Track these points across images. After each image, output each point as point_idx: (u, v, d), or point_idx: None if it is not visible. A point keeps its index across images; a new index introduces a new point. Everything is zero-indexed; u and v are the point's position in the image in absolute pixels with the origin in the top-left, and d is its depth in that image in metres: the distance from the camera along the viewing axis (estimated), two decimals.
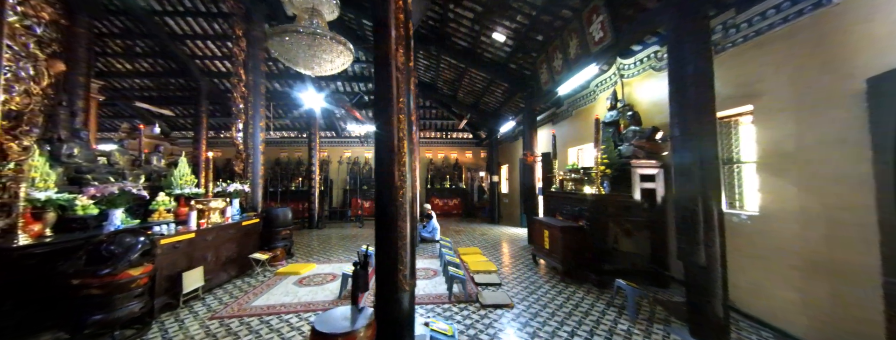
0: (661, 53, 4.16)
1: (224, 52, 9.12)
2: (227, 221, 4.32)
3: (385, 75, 2.28)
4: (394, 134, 2.22)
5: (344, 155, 12.36)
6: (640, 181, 3.94)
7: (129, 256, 2.57)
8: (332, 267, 4.86)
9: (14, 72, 2.62)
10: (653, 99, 4.33)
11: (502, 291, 3.66)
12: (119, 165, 4.24)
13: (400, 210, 2.27)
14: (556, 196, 4.97)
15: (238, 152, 5.82)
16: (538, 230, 4.65)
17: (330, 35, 4.21)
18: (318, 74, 4.72)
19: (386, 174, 2.28)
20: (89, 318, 2.44)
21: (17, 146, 2.57)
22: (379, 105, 2.30)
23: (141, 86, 10.10)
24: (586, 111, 5.96)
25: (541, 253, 4.57)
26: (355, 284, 2.47)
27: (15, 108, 2.61)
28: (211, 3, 7.71)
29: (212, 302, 3.48)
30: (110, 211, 3.11)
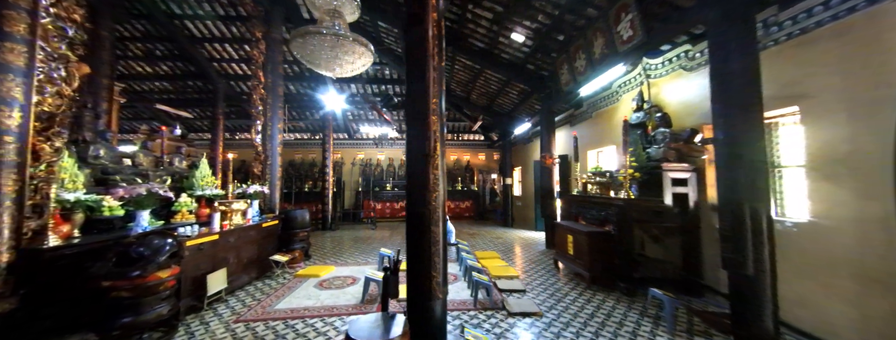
0: (693, 52, 4.02)
1: (241, 55, 9.23)
2: (248, 223, 4.31)
3: (420, 75, 2.21)
4: (430, 135, 2.15)
5: (357, 156, 12.39)
6: (672, 185, 3.79)
7: (157, 258, 2.55)
8: (351, 270, 4.81)
9: (46, 74, 2.64)
10: (683, 100, 4.18)
11: (528, 298, 3.55)
12: (143, 166, 4.27)
13: (433, 214, 2.20)
14: (579, 200, 4.84)
15: (257, 154, 5.84)
16: (561, 235, 4.52)
17: (352, 36, 4.20)
18: (338, 76, 4.71)
19: (419, 176, 2.21)
20: (118, 320, 2.42)
21: (48, 147, 2.58)
22: (413, 106, 2.24)
23: (160, 88, 10.29)
24: (607, 113, 5.82)
25: (564, 258, 4.44)
26: (385, 290, 2.40)
27: (47, 110, 2.62)
28: (229, 7, 7.81)
29: (235, 305, 3.45)
30: (137, 213, 3.11)
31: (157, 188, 3.13)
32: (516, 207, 10.30)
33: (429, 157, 2.12)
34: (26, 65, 2.34)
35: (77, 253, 2.81)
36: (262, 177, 5.79)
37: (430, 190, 2.17)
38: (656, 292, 3.06)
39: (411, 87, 2.30)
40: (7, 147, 2.18)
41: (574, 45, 5.00)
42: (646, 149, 4.21)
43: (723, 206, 2.65)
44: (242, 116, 11.58)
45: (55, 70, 2.70)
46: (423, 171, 2.17)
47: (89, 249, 2.90)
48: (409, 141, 2.31)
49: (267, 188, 5.46)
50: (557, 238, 4.72)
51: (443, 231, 2.26)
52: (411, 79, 2.29)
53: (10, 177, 2.17)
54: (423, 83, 2.19)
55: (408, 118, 2.32)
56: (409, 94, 2.33)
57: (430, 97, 2.16)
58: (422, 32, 2.22)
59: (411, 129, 2.27)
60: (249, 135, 12.67)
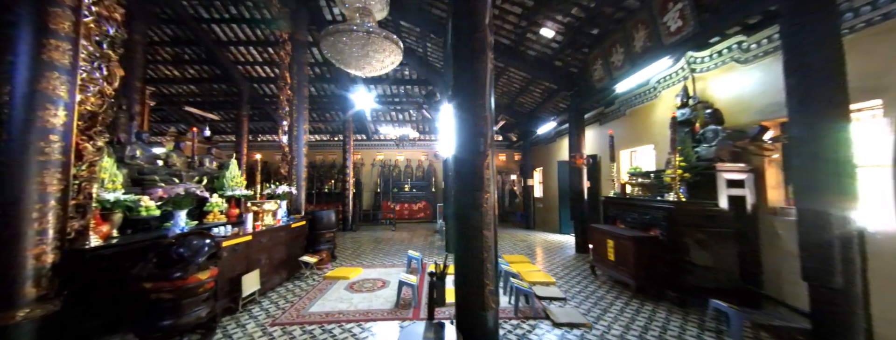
0: (748, 44, 3.72)
1: (264, 58, 9.36)
2: (278, 223, 4.27)
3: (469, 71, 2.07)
4: (484, 132, 1.99)
5: (377, 157, 12.38)
6: (727, 187, 3.51)
7: (197, 259, 2.50)
8: (379, 273, 4.70)
9: (89, 73, 2.63)
10: (736, 95, 3.88)
11: (571, 307, 3.34)
12: (176, 167, 4.29)
13: (485, 216, 2.04)
14: (618, 202, 4.58)
15: (283, 154, 5.84)
16: (598, 239, 4.28)
17: (384, 33, 4.11)
18: (368, 75, 4.63)
19: (469, 176, 2.06)
20: (159, 323, 2.37)
21: (91, 147, 2.56)
22: (462, 103, 2.09)
23: (187, 91, 10.55)
24: (644, 110, 5.53)
25: (603, 265, 4.19)
26: (431, 297, 2.26)
27: (89, 109, 2.61)
28: (254, 10, 7.91)
29: (269, 307, 3.39)
30: (175, 213, 3.08)
31: (194, 188, 3.09)
32: (538, 209, 10.02)
33: (482, 156, 1.96)
34: (71, 63, 2.32)
35: (116, 253, 2.80)
36: (288, 178, 5.78)
37: (483, 192, 2.01)
38: (719, 304, 2.80)
39: (459, 84, 2.15)
40: (52, 146, 2.15)
41: (610, 39, 4.76)
42: (694, 148, 3.93)
43: (802, 211, 2.38)
44: (264, 118, 11.76)
45: (97, 69, 2.69)
46: (474, 171, 2.02)
47: (128, 249, 2.88)
48: (458, 139, 2.16)
49: (294, 188, 5.44)
50: (594, 242, 4.48)
51: (493, 235, 2.10)
52: (460, 76, 2.15)
53: (55, 177, 2.14)
54: (475, 79, 2.04)
55: (457, 115, 2.17)
56: (457, 91, 2.18)
57: (485, 93, 2.01)
58: (472, 25, 2.07)
59: (460, 127, 2.12)
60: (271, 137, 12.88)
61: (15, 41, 2.12)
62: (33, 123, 2.09)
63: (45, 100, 2.15)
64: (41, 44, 2.17)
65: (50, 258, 2.09)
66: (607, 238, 4.06)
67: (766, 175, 3.52)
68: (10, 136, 2.03)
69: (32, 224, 2.03)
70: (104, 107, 2.65)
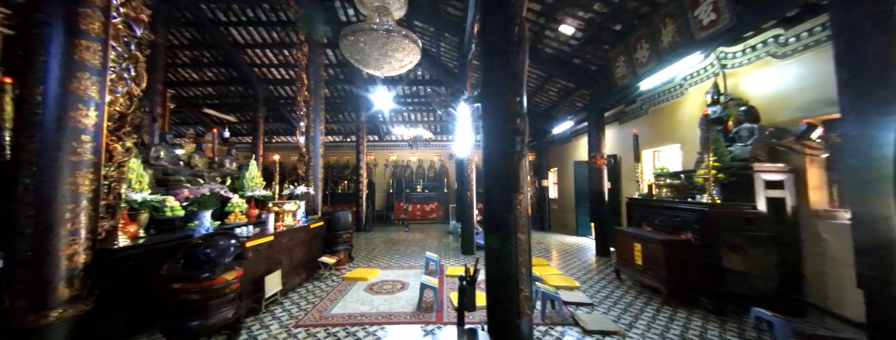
0: (786, 38, 3.54)
1: (280, 60, 9.46)
2: (298, 224, 4.26)
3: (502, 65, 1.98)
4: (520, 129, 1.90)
5: (389, 158, 12.40)
6: (765, 188, 3.33)
7: (223, 260, 2.48)
8: (397, 274, 4.65)
9: (118, 74, 2.65)
10: (773, 91, 3.69)
11: (600, 313, 3.21)
12: (198, 168, 4.34)
13: (519, 219, 1.95)
14: (644, 204, 4.41)
15: (301, 155, 5.86)
16: (624, 242, 4.12)
17: (403, 32, 4.06)
18: (386, 74, 4.59)
19: (503, 178, 1.97)
20: (187, 323, 2.35)
21: (120, 147, 2.58)
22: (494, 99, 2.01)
23: (205, 94, 10.75)
24: (668, 108, 5.34)
25: (629, 269, 4.04)
26: (461, 302, 2.18)
27: (118, 110, 2.64)
28: (271, 13, 7.99)
29: (291, 307, 3.37)
30: (201, 213, 3.09)
31: (219, 188, 3.10)
32: (552, 210, 9.84)
33: (518, 156, 1.87)
34: (101, 63, 2.33)
35: (143, 252, 2.81)
36: (305, 179, 5.80)
37: (518, 193, 1.92)
38: (762, 312, 2.64)
39: (491, 80, 2.07)
40: (84, 146, 2.16)
41: (635, 35, 4.61)
42: (727, 147, 3.75)
43: (858, 215, 2.22)
44: (279, 120, 11.90)
45: (125, 70, 2.71)
46: (508, 172, 1.93)
47: (154, 249, 2.90)
48: (487, 138, 2.08)
49: (312, 189, 5.44)
50: (618, 245, 4.32)
51: (528, 239, 2.01)
52: (491, 71, 2.07)
53: (86, 177, 2.15)
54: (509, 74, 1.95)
55: (488, 114, 2.09)
56: (488, 88, 2.10)
57: (520, 89, 1.93)
58: (506, 16, 1.98)
59: (493, 126, 2.04)
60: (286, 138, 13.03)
61: (47, 41, 2.13)
62: (65, 123, 2.11)
63: (77, 101, 2.16)
64: (72, 44, 2.19)
65: (82, 258, 2.10)
66: (634, 241, 3.91)
67: (808, 175, 3.32)
68: (44, 137, 2.04)
69: (65, 224, 2.03)
70: (132, 107, 2.67)
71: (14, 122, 2.09)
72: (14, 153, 2.02)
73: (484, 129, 2.11)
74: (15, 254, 1.93)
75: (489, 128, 2.05)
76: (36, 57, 2.11)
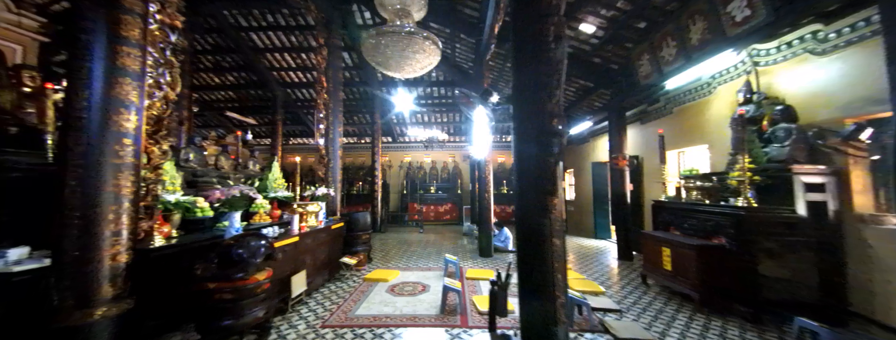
0: (826, 33, 3.37)
1: (298, 63, 9.64)
2: (320, 225, 4.30)
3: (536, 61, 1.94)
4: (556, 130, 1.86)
5: (404, 159, 12.46)
6: (805, 191, 3.17)
7: (255, 260, 2.52)
8: (417, 276, 4.64)
9: (155, 79, 2.73)
10: (810, 90, 3.53)
11: (630, 321, 3.11)
12: (224, 169, 4.44)
13: (555, 224, 1.90)
14: (671, 207, 4.27)
15: (321, 157, 5.94)
16: (652, 247, 3.99)
17: (424, 34, 4.06)
18: (406, 76, 4.60)
19: (538, 181, 1.92)
20: (221, 322, 2.40)
21: (157, 150, 2.66)
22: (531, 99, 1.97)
23: (226, 97, 11.05)
24: (695, 108, 5.17)
25: (656, 274, 3.91)
26: (493, 307, 2.15)
27: (155, 113, 2.72)
28: (290, 17, 8.16)
29: (316, 308, 3.40)
30: (231, 214, 3.15)
31: (248, 190, 3.16)
32: (569, 213, 9.67)
33: (555, 159, 1.83)
34: (140, 69, 2.40)
35: (176, 252, 2.89)
36: (324, 180, 5.87)
37: (554, 196, 1.87)
38: (807, 322, 2.50)
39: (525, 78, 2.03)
40: (126, 149, 2.23)
41: (660, 33, 4.48)
42: (762, 148, 3.60)
43: None
44: (296, 122, 12.13)
45: (161, 75, 2.80)
46: (544, 175, 1.89)
47: (186, 249, 2.98)
48: (520, 140, 2.04)
49: (332, 190, 5.50)
50: (645, 250, 4.19)
51: (563, 244, 1.96)
52: (524, 68, 2.03)
53: (128, 179, 2.22)
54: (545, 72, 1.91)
55: (519, 115, 2.06)
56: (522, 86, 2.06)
57: (559, 88, 1.89)
58: (542, 10, 1.94)
59: (527, 127, 2.00)
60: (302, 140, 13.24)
61: (91, 47, 2.21)
62: (109, 127, 2.17)
63: (119, 105, 2.23)
64: (114, 50, 2.26)
65: (124, 258, 2.16)
66: (662, 245, 3.78)
67: (852, 178, 3.15)
68: (89, 140, 2.11)
69: (109, 225, 2.10)
70: (168, 111, 2.75)
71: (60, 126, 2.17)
72: (60, 155, 2.10)
73: (516, 131, 2.07)
74: (62, 254, 2.00)
75: (523, 130, 2.01)
76: (81, 62, 2.19)
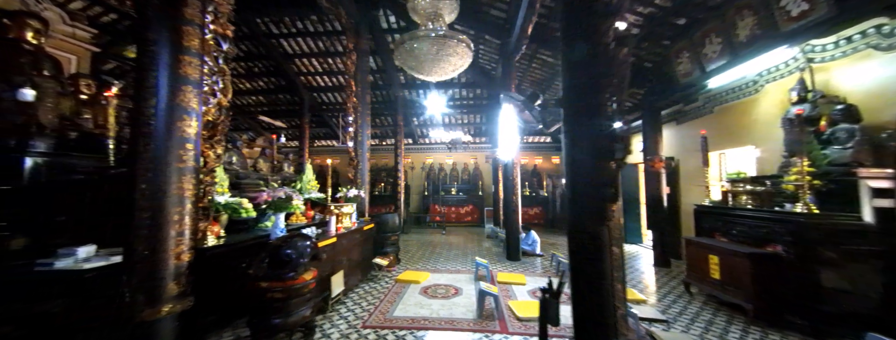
0: (892, 28, 3.13)
1: (324, 68, 9.91)
2: (354, 226, 4.39)
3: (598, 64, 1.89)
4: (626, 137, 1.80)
5: (426, 161, 12.53)
6: (872, 196, 2.94)
7: (302, 260, 2.59)
8: (447, 279, 4.64)
9: (210, 86, 2.87)
10: (875, 88, 3.28)
11: (679, 332, 2.98)
12: (263, 172, 4.61)
13: (613, 232, 1.84)
14: (716, 212, 4.06)
15: (351, 159, 6.06)
16: (697, 254, 3.80)
17: (459, 36, 4.08)
18: (437, 79, 4.63)
19: (594, 185, 1.87)
20: (271, 321, 2.48)
21: (212, 154, 2.79)
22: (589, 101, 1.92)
23: (256, 101, 11.50)
24: (739, 107, 4.91)
25: (702, 283, 3.71)
26: (544, 316, 2.10)
27: (210, 119, 2.85)
28: (318, 23, 8.40)
29: (354, 308, 3.46)
30: (276, 215, 3.26)
31: (291, 191, 3.26)
32: None
33: (618, 163, 1.77)
34: (199, 77, 2.53)
35: (226, 252, 3.02)
36: (354, 182, 5.98)
37: (614, 202, 1.81)
38: (881, 338, 2.30)
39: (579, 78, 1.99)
40: (188, 153, 2.35)
41: (703, 29, 4.29)
42: (821, 150, 3.37)
43: None
44: (321, 125, 12.46)
45: (215, 83, 2.93)
46: (603, 180, 1.83)
47: (235, 248, 3.11)
48: (573, 144, 2.00)
49: (362, 192, 5.60)
50: (689, 257, 4.00)
51: (622, 252, 1.89)
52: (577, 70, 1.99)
53: (190, 182, 2.34)
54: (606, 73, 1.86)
55: (572, 116, 2.01)
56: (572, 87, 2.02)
57: (622, 88, 1.83)
58: (596, 9, 1.89)
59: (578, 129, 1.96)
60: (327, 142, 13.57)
61: (157, 58, 2.35)
62: (173, 133, 2.30)
63: (182, 112, 2.35)
64: (177, 60, 2.39)
65: (186, 257, 2.27)
66: (709, 253, 3.60)
67: None
68: (156, 145, 2.24)
69: (174, 225, 2.21)
70: (222, 117, 2.88)
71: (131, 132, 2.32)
72: (131, 160, 2.24)
73: (568, 134, 2.03)
74: (133, 253, 2.13)
75: (576, 134, 1.96)
76: (148, 72, 2.33)
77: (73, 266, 2.45)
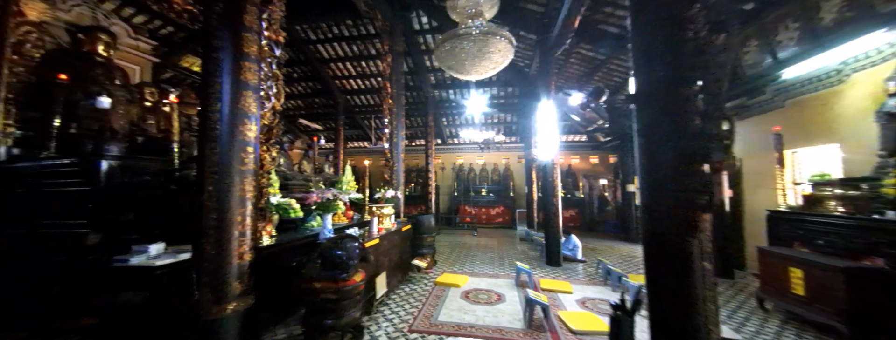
0: None
1: (358, 71, 10.14)
2: (394, 227, 4.39)
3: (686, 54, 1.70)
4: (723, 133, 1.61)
5: (457, 161, 12.48)
6: None
7: (353, 261, 2.59)
8: (487, 283, 4.51)
9: (265, 91, 2.96)
10: None
11: None
12: (307, 173, 4.74)
13: (704, 244, 1.64)
14: (798, 218, 3.61)
15: (386, 159, 6.11)
16: (775, 266, 3.39)
17: (501, 32, 3.95)
18: (478, 78, 4.52)
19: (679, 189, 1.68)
20: (324, 321, 2.49)
21: (268, 156, 2.88)
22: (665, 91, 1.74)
23: (294, 105, 12.02)
24: (818, 100, 4.36)
25: (782, 299, 3.30)
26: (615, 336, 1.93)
27: (265, 123, 2.93)
28: (353, 28, 8.59)
29: (397, 310, 3.45)
30: (324, 216, 3.32)
31: (337, 192, 3.31)
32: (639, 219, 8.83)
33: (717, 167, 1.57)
34: (257, 82, 2.60)
35: (279, 251, 3.10)
36: (390, 183, 6.03)
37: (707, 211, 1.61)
38: None
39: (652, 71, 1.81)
40: (249, 156, 2.42)
41: (775, 13, 3.85)
42: None
43: None
44: (353, 127, 12.79)
45: (269, 88, 3.02)
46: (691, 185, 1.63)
47: (286, 248, 3.19)
48: (650, 141, 1.81)
49: (399, 192, 5.62)
50: (763, 269, 3.59)
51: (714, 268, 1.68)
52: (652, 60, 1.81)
53: (251, 184, 2.41)
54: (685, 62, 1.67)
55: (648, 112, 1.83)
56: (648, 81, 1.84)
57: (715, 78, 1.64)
58: None
59: (656, 127, 1.77)
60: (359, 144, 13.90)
61: (221, 64, 2.44)
62: (235, 137, 2.38)
63: (243, 116, 2.43)
64: (239, 66, 2.47)
65: (248, 257, 2.34)
66: (791, 265, 3.19)
67: None
68: (222, 148, 2.32)
69: (237, 226, 2.29)
70: (276, 120, 2.96)
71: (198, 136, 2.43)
72: (199, 163, 2.34)
73: (643, 133, 1.85)
74: (202, 253, 2.22)
75: (654, 133, 1.78)
76: (213, 78, 2.43)
77: (145, 262, 2.60)
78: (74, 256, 2.98)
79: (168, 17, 7.17)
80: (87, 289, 2.74)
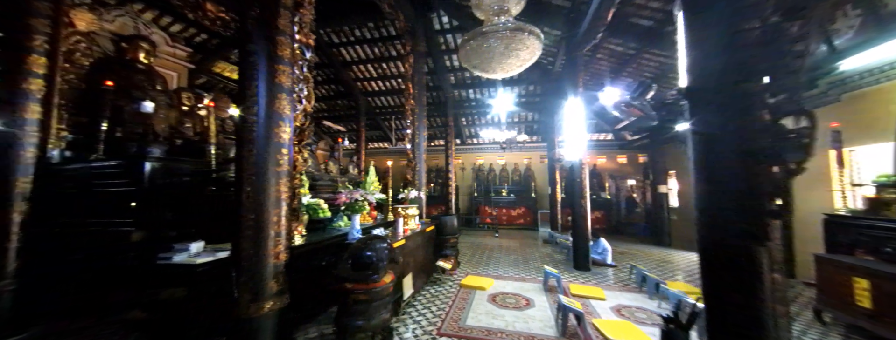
0: None
1: (378, 73, 10.25)
2: (418, 228, 4.37)
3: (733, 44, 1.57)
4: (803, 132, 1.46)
5: (477, 161, 12.39)
6: None
7: (383, 263, 2.58)
8: (514, 287, 4.41)
9: (297, 93, 3.00)
10: None
11: None
12: (332, 173, 4.81)
13: (774, 253, 1.48)
14: (861, 224, 3.28)
15: (408, 160, 6.12)
16: (836, 276, 3.08)
17: (529, 28, 3.84)
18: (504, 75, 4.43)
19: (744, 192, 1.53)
20: (355, 322, 2.49)
21: (300, 158, 2.92)
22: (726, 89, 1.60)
23: (318, 108, 12.32)
24: (877, 93, 3.98)
25: (845, 312, 2.99)
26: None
27: (297, 125, 2.98)
28: (374, 30, 8.68)
29: (424, 312, 3.42)
30: (352, 217, 3.34)
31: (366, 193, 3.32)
32: (672, 222, 8.43)
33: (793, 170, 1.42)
34: (290, 85, 2.64)
35: (310, 250, 3.15)
36: (412, 183, 6.03)
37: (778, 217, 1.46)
38: None
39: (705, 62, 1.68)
40: (284, 158, 2.45)
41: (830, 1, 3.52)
42: None
43: None
44: (373, 128, 12.96)
45: (301, 91, 3.07)
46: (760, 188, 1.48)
47: (316, 248, 3.23)
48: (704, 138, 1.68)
49: (422, 193, 5.61)
50: (822, 278, 3.28)
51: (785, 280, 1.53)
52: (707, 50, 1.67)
53: (286, 185, 2.44)
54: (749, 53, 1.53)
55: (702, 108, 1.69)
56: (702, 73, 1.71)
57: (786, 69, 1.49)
58: None
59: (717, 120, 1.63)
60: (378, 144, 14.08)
61: (257, 68, 2.49)
62: (271, 139, 2.41)
63: (278, 119, 2.46)
64: (274, 69, 2.51)
65: (283, 256, 2.37)
66: (855, 275, 2.90)
67: None
68: (258, 150, 2.37)
69: (273, 226, 2.32)
70: (307, 122, 3.00)
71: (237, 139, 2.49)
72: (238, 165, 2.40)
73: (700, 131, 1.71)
74: (240, 252, 2.27)
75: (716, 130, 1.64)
76: (250, 81, 2.47)
77: (187, 260, 2.70)
78: (122, 253, 3.15)
79: (202, 24, 7.50)
80: (135, 285, 2.88)
